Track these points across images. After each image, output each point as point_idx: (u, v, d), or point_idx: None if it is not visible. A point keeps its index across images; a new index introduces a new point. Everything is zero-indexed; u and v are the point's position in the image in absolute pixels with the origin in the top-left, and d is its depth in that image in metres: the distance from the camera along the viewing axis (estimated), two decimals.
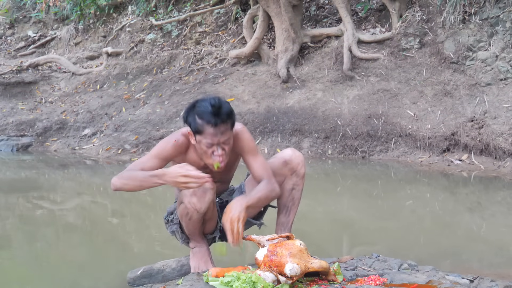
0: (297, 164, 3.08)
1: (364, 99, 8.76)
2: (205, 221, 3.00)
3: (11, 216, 5.56)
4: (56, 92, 12.23)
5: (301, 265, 2.54)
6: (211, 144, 2.79)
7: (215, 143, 2.79)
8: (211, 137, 2.76)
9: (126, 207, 6.07)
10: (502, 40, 7.95)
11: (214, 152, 2.81)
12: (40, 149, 10.04)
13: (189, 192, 2.80)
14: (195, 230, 3.03)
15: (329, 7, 11.18)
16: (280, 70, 9.77)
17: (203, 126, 2.76)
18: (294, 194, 3.12)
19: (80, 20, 13.91)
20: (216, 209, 3.05)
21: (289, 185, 3.10)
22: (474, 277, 2.82)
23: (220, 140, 2.79)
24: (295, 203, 3.13)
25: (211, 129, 2.75)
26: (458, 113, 7.85)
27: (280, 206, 3.14)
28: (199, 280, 2.82)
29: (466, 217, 5.35)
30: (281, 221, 3.13)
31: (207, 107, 2.75)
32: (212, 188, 2.82)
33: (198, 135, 2.80)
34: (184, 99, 9.97)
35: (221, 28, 12.03)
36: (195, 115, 2.79)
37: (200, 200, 2.81)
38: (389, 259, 3.15)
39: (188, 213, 2.88)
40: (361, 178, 7.30)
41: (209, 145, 2.79)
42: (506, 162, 7.05)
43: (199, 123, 2.77)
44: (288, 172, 3.08)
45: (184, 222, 2.98)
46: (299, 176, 3.09)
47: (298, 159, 3.10)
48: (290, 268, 2.53)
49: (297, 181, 3.10)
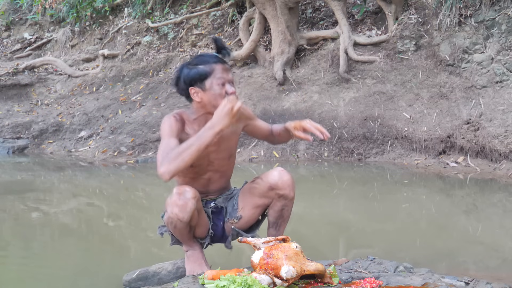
0: (284, 189, 2.98)
1: (360, 101, 8.77)
2: (192, 227, 2.99)
3: (7, 218, 5.54)
4: (52, 95, 12.21)
5: (297, 267, 2.54)
6: (223, 80, 2.86)
7: (227, 80, 2.87)
8: (222, 73, 2.85)
9: (122, 210, 6.06)
10: (498, 43, 7.97)
11: (226, 91, 2.86)
12: (36, 151, 10.02)
13: (171, 201, 2.82)
14: (183, 236, 3.02)
15: (325, 9, 11.19)
16: (276, 72, 9.78)
17: (211, 66, 2.85)
18: (284, 213, 3.07)
19: (76, 22, 13.89)
20: (204, 215, 3.05)
21: (277, 206, 3.04)
22: (470, 279, 2.82)
23: (229, 77, 2.89)
24: (285, 219, 3.10)
25: (221, 66, 2.86)
26: (454, 116, 7.86)
27: (270, 223, 3.11)
28: (195, 282, 2.82)
29: (462, 219, 5.36)
30: (271, 234, 3.11)
31: (207, 54, 2.94)
32: (194, 198, 2.81)
33: (207, 80, 2.86)
34: (180, 102, 9.96)
35: (218, 30, 12.03)
36: (196, 66, 2.88)
37: (181, 210, 2.81)
38: (384, 261, 3.15)
39: (172, 222, 2.88)
40: (357, 180, 7.30)
41: (222, 82, 2.86)
42: (501, 164, 7.07)
43: (205, 67, 2.86)
44: (275, 196, 3.00)
45: (171, 229, 2.98)
46: (288, 199, 3.01)
47: (285, 184, 2.97)
48: (286, 271, 2.52)
49: (286, 203, 3.03)
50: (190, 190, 2.82)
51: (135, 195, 6.91)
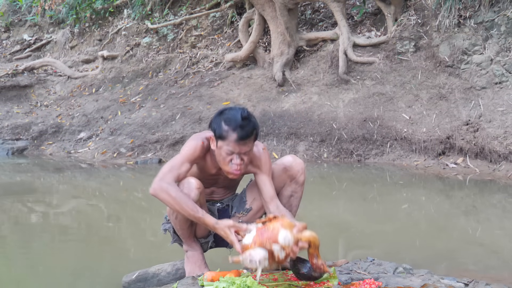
0: (297, 172, 3.07)
1: (359, 102, 8.77)
2: (193, 222, 2.98)
3: (6, 220, 5.54)
4: (52, 96, 12.21)
5: (293, 235, 2.53)
6: (231, 152, 2.80)
7: (236, 152, 2.80)
8: (233, 145, 2.78)
9: (121, 211, 6.06)
10: (497, 44, 7.98)
11: (232, 160, 2.83)
12: (36, 152, 10.02)
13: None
14: (183, 231, 3.04)
15: (324, 10, 11.20)
16: (276, 73, 9.78)
17: (228, 133, 2.78)
18: (292, 201, 3.10)
19: (75, 23, 13.90)
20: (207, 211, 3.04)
21: (287, 191, 3.09)
22: (469, 280, 2.83)
23: (241, 150, 2.81)
24: (293, 209, 3.11)
25: (235, 138, 2.77)
26: (453, 117, 7.87)
27: None
28: (194, 284, 2.82)
29: (461, 220, 5.36)
30: None
31: (236, 116, 2.79)
32: (198, 188, 2.83)
33: (220, 141, 2.82)
34: (180, 103, 9.97)
35: (217, 31, 12.04)
36: (222, 121, 2.81)
37: None
38: (384, 262, 3.15)
39: (174, 212, 2.90)
40: (356, 181, 7.30)
41: (230, 153, 2.81)
42: (501, 165, 7.07)
43: (224, 129, 2.79)
44: (287, 178, 3.07)
45: (172, 221, 3.00)
46: (298, 184, 3.08)
47: (298, 167, 3.07)
48: (284, 236, 2.50)
49: (296, 188, 3.09)
50: (194, 181, 2.83)
51: (134, 196, 6.90)
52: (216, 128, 2.82)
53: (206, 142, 2.93)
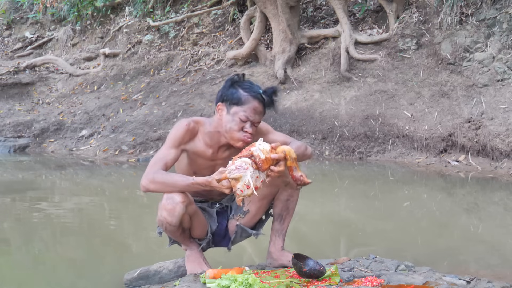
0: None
1: (361, 100, 8.77)
2: (185, 229, 2.98)
3: (8, 217, 5.54)
4: (53, 93, 12.21)
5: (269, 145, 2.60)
6: (246, 118, 2.80)
7: (251, 119, 2.81)
8: (251, 111, 2.79)
9: (123, 208, 6.06)
10: (499, 41, 7.97)
11: (244, 128, 2.82)
12: (37, 150, 10.02)
13: (161, 205, 2.82)
14: (177, 238, 3.03)
15: (326, 8, 11.19)
16: (278, 71, 9.77)
17: (248, 99, 2.80)
18: (289, 204, 3.05)
19: (77, 21, 13.88)
20: (201, 217, 3.03)
21: (283, 196, 3.03)
22: (471, 278, 2.82)
23: (256, 119, 2.82)
24: (290, 212, 3.07)
25: (255, 104, 2.79)
26: (455, 114, 7.86)
27: (275, 215, 3.09)
28: (196, 281, 2.82)
29: (463, 218, 5.36)
30: (275, 228, 3.09)
31: (254, 86, 2.85)
32: (183, 202, 2.77)
33: (236, 106, 2.81)
34: (181, 100, 9.97)
35: (219, 29, 12.03)
36: (240, 88, 2.83)
37: (170, 214, 2.80)
38: (386, 260, 3.14)
39: (162, 224, 2.88)
40: (358, 179, 7.30)
41: (245, 119, 2.80)
42: (503, 163, 7.07)
43: (243, 94, 2.81)
44: (281, 183, 2.96)
45: (163, 230, 2.99)
46: (293, 188, 2.96)
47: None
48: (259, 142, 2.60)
49: (291, 192, 3.01)
50: (179, 195, 2.78)
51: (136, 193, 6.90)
52: (232, 94, 2.83)
53: (192, 123, 2.91)
